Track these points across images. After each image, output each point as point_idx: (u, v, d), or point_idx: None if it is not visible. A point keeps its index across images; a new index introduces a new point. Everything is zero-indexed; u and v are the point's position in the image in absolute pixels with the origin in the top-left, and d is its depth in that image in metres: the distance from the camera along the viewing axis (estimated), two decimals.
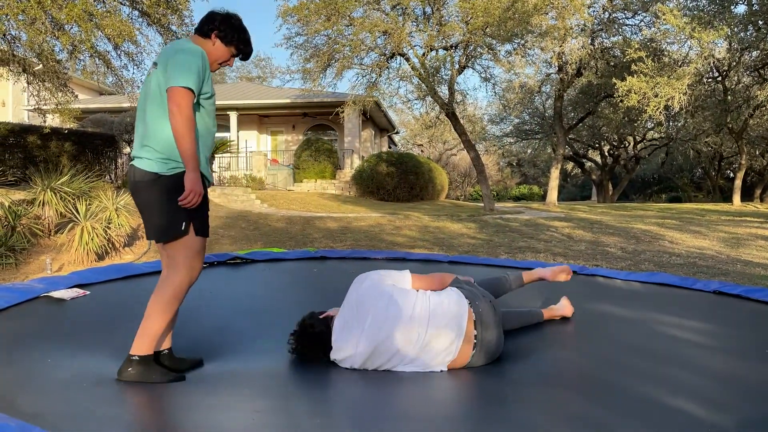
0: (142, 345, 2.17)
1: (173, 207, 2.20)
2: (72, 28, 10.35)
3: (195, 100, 2.23)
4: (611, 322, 2.71)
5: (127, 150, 16.91)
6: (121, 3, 10.90)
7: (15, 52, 10.95)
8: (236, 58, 2.45)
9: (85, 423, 1.57)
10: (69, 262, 8.53)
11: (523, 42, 16.56)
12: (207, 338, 2.39)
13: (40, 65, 11.25)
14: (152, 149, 2.21)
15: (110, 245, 9.24)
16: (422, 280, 2.49)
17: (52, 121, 15.34)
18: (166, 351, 2.33)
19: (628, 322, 2.70)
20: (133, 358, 2.16)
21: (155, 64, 2.30)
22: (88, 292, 2.85)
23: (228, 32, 2.34)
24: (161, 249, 2.33)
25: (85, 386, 1.90)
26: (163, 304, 2.22)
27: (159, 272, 3.64)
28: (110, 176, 16.04)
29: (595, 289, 3.57)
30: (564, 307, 2.98)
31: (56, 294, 2.72)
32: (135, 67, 12.01)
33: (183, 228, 2.22)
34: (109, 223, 9.30)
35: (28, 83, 12.01)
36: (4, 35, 10.12)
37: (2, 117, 20.80)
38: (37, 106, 12.75)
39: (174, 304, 2.25)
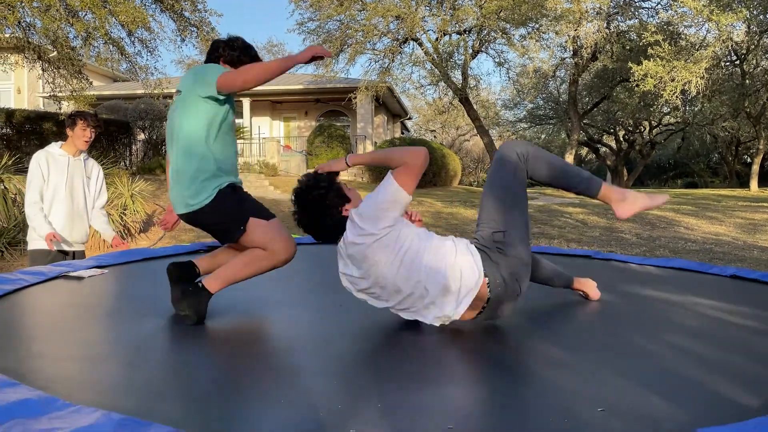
0: (215, 283, 2.23)
1: (227, 219, 2.30)
2: (86, 15, 10.42)
3: (218, 120, 2.26)
4: (625, 302, 2.70)
5: (141, 137, 17.03)
6: None
7: (30, 40, 11.04)
8: None
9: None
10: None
11: (537, 26, 16.41)
12: (229, 326, 2.42)
13: (55, 52, 11.34)
14: (186, 188, 2.25)
15: (126, 231, 9.34)
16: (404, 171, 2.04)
17: (68, 107, 15.50)
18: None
19: (643, 301, 2.70)
20: (202, 287, 2.21)
21: (176, 95, 2.33)
22: (106, 271, 2.91)
23: (233, 55, 2.37)
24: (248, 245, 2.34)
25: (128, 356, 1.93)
26: (251, 260, 2.27)
27: (176, 255, 3.69)
28: (125, 162, 16.17)
29: (609, 272, 3.57)
30: (592, 286, 2.78)
31: (74, 273, 2.78)
32: (149, 53, 12.08)
33: (243, 228, 2.29)
34: (125, 210, 9.41)
35: (43, 70, 12.12)
36: (20, 23, 10.19)
37: (18, 104, 21.01)
38: (52, 93, 12.86)
39: (260, 266, 2.28)
